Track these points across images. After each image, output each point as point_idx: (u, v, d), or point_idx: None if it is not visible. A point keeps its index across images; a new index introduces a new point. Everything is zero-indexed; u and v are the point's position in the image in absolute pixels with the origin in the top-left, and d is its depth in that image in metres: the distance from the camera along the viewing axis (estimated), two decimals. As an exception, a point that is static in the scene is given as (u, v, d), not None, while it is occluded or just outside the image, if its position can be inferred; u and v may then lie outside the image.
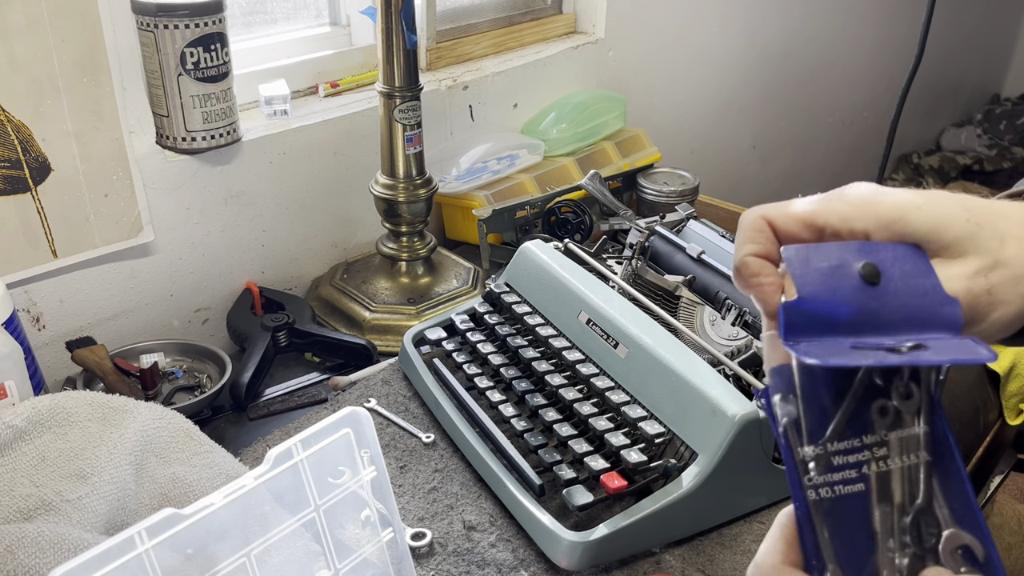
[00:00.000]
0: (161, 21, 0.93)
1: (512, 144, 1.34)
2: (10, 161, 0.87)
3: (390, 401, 0.93)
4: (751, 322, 0.89)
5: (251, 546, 0.55)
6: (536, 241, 0.97)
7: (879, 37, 2.44)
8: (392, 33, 1.00)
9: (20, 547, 0.59)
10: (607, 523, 0.70)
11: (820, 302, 0.38)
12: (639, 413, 0.78)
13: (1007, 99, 3.36)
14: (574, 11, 1.56)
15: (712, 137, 1.97)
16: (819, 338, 0.38)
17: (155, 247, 1.02)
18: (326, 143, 1.15)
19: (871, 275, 0.39)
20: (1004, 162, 3.04)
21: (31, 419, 0.70)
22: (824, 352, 0.36)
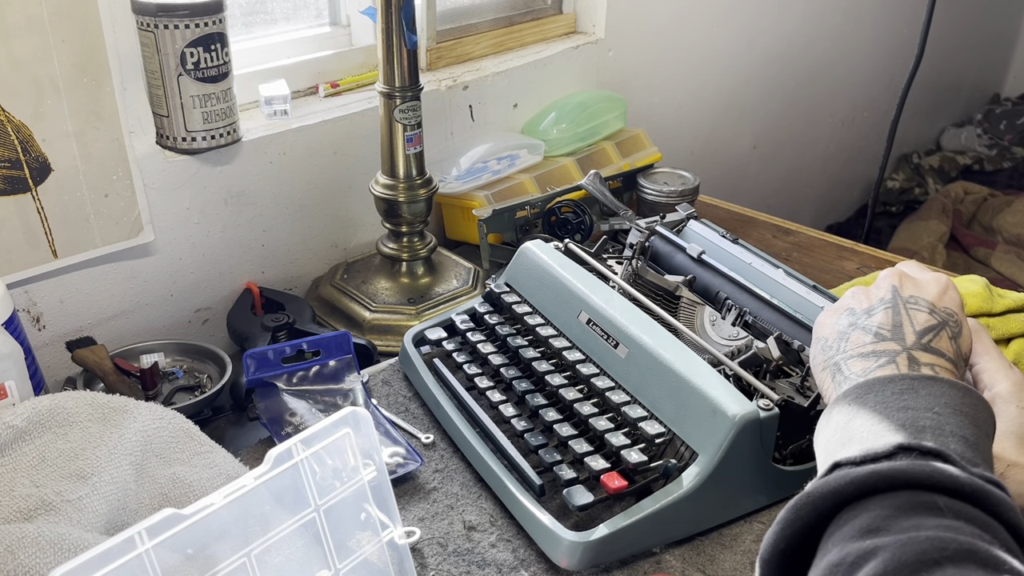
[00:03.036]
0: (161, 21, 0.93)
1: (512, 144, 1.34)
2: (10, 161, 0.87)
3: (390, 401, 0.93)
4: (751, 322, 0.89)
5: (251, 546, 0.55)
6: (536, 241, 0.97)
7: (879, 37, 2.44)
8: (392, 33, 1.00)
9: (20, 547, 0.59)
10: (607, 523, 0.70)
11: None
12: (639, 413, 0.78)
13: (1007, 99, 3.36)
14: (574, 11, 1.56)
15: (712, 137, 1.97)
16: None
17: (155, 247, 1.02)
18: (326, 143, 1.15)
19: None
20: (1004, 162, 3.04)
21: (31, 419, 0.70)
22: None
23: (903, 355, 0.58)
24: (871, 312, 0.62)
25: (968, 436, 0.50)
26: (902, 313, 0.61)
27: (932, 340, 0.60)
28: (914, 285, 0.64)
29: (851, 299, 0.66)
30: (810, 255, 1.30)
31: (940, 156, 3.02)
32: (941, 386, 0.54)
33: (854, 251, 1.31)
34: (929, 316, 0.61)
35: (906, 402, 0.53)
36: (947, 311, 0.62)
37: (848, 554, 0.43)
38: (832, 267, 1.26)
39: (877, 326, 0.61)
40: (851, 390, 0.56)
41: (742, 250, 0.97)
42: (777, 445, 0.76)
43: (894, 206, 2.91)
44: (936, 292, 0.63)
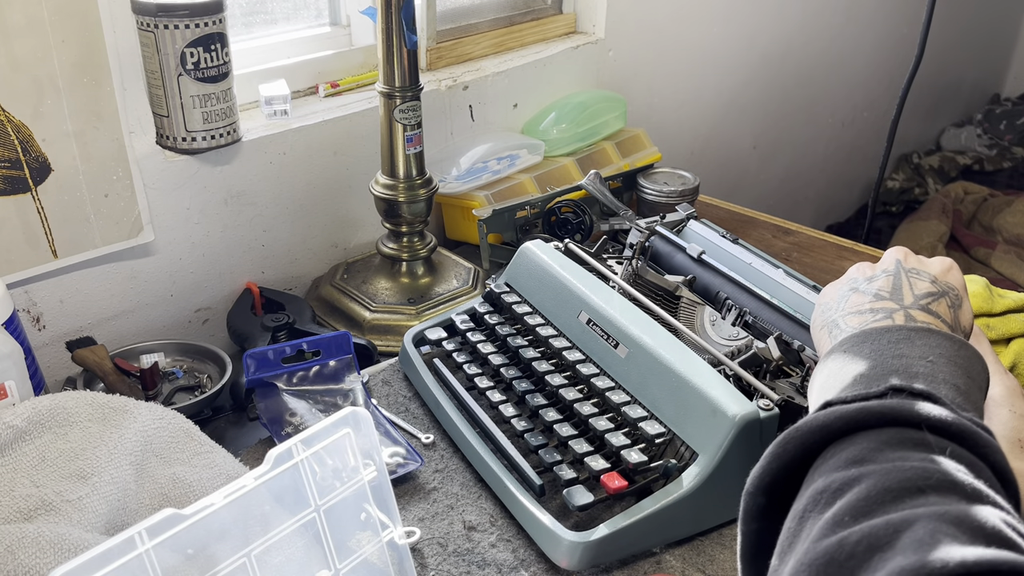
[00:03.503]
0: (161, 21, 0.93)
1: (512, 144, 1.34)
2: (10, 161, 0.87)
3: (390, 401, 0.93)
4: (751, 322, 0.89)
5: (251, 546, 0.55)
6: (536, 241, 0.97)
7: (879, 37, 2.44)
8: (392, 33, 1.00)
9: (20, 547, 0.59)
10: (607, 523, 0.70)
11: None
12: (639, 413, 0.78)
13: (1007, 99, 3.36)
14: (574, 11, 1.56)
15: (712, 137, 1.97)
16: None
17: (155, 247, 1.02)
18: (326, 143, 1.15)
19: None
20: (1004, 162, 3.04)
21: (31, 419, 0.70)
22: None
23: (900, 312, 0.59)
24: (872, 279, 0.63)
25: (960, 385, 0.51)
26: (903, 279, 0.62)
27: (931, 303, 0.60)
28: (918, 261, 0.65)
29: (855, 271, 0.67)
30: (810, 255, 1.30)
31: (940, 156, 3.02)
32: (936, 338, 0.54)
33: (854, 251, 1.31)
34: (930, 285, 0.62)
35: (901, 350, 0.53)
36: (948, 285, 0.63)
37: (833, 481, 0.43)
38: (832, 267, 1.26)
39: (877, 289, 0.62)
40: (846, 340, 0.57)
41: (742, 250, 0.97)
42: (777, 445, 0.76)
43: (894, 206, 2.91)
44: (939, 269, 0.64)
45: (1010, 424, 0.65)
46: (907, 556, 0.36)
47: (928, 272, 0.63)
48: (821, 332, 0.63)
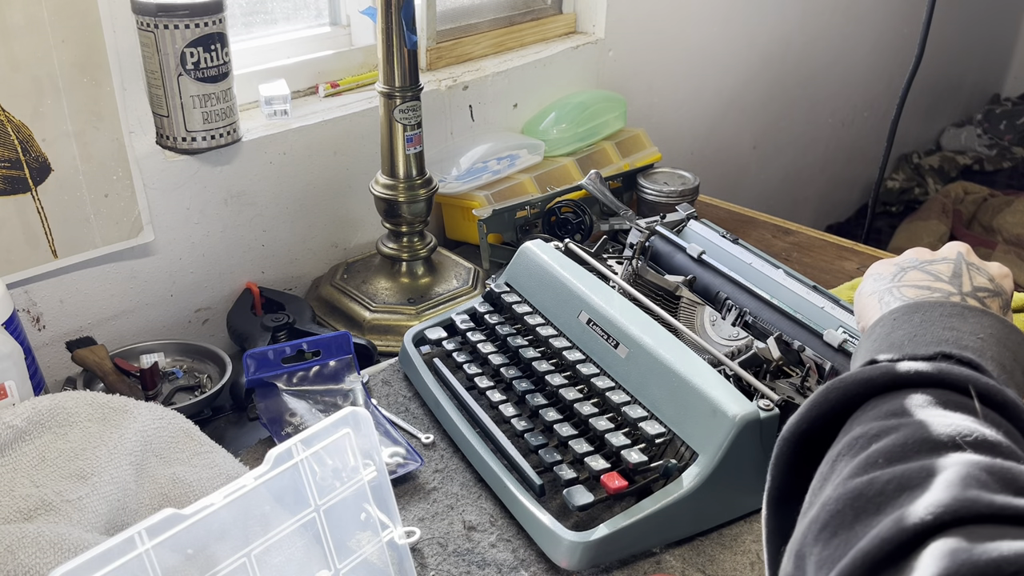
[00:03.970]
0: (161, 21, 0.93)
1: (512, 144, 1.34)
2: (10, 161, 0.87)
3: (390, 401, 0.93)
4: (751, 322, 0.89)
5: (251, 546, 0.55)
6: (536, 241, 0.97)
7: (879, 37, 2.44)
8: (392, 33, 1.00)
9: (20, 547, 0.59)
10: (607, 523, 0.70)
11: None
12: (639, 413, 0.78)
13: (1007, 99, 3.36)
14: (574, 11, 1.56)
15: (712, 137, 1.97)
16: None
17: (155, 247, 1.02)
18: (326, 143, 1.15)
19: None
20: (1004, 162, 3.04)
21: (31, 419, 0.70)
22: None
23: (957, 296, 0.58)
24: (933, 262, 0.63)
25: (1006, 364, 0.50)
26: (963, 268, 0.62)
27: (986, 298, 0.60)
28: (977, 260, 0.64)
29: (912, 252, 0.66)
30: (810, 255, 1.30)
31: (940, 156, 3.02)
32: (989, 318, 0.54)
33: (854, 251, 1.31)
34: (988, 282, 0.62)
35: (952, 323, 0.52)
36: (1003, 288, 0.63)
37: (870, 428, 0.43)
38: (832, 267, 1.26)
39: (937, 271, 0.61)
40: (898, 308, 0.56)
41: (742, 250, 0.97)
42: (777, 445, 0.76)
43: (894, 206, 2.91)
44: (998, 272, 0.64)
45: None
46: (937, 493, 0.36)
47: (987, 271, 0.63)
48: (870, 298, 0.62)
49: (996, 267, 0.65)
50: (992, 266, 0.64)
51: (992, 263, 0.66)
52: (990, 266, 0.64)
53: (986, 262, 0.65)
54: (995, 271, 0.64)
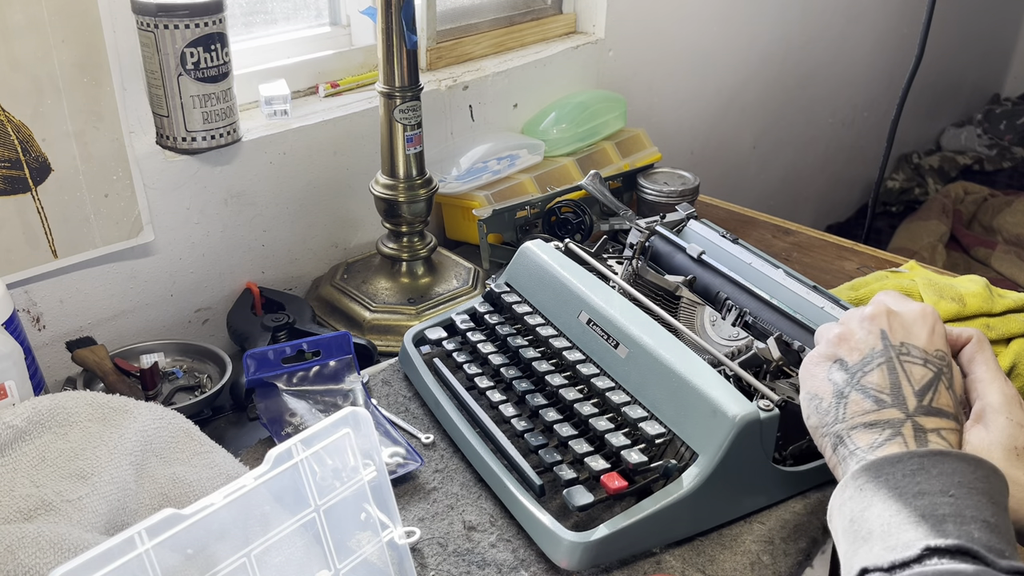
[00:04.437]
0: (161, 21, 0.93)
1: (512, 144, 1.34)
2: (10, 161, 0.87)
3: (390, 401, 0.93)
4: (751, 323, 0.89)
5: (251, 546, 0.55)
6: (536, 241, 0.97)
7: (879, 37, 2.44)
8: (392, 33, 1.00)
9: (20, 547, 0.59)
10: (607, 523, 0.70)
11: None
12: (639, 413, 0.77)
13: (1007, 99, 3.36)
14: (574, 11, 1.56)
15: (712, 137, 1.97)
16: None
17: (155, 247, 1.02)
18: (326, 143, 1.15)
19: None
20: (1004, 162, 3.04)
21: (31, 419, 0.70)
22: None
23: (907, 424, 0.58)
24: (865, 368, 0.62)
25: (989, 519, 0.51)
26: (898, 370, 0.61)
27: (933, 399, 0.60)
28: (902, 326, 0.63)
29: (838, 346, 0.64)
30: (810, 255, 1.30)
31: (940, 156, 3.02)
32: (951, 462, 0.54)
33: (854, 251, 1.31)
34: (924, 368, 0.61)
35: (920, 486, 0.53)
36: (939, 355, 0.62)
37: None
38: (832, 267, 1.26)
39: (876, 389, 0.61)
40: (860, 472, 0.56)
41: (742, 250, 0.97)
42: (777, 446, 0.76)
43: (894, 206, 2.91)
44: (926, 334, 0.63)
45: (1007, 431, 0.65)
46: None
47: (917, 347, 0.62)
48: (823, 440, 0.62)
49: (920, 323, 0.63)
50: (917, 328, 0.63)
51: (914, 314, 0.64)
52: (916, 328, 0.63)
53: (909, 317, 0.63)
54: (923, 336, 0.62)
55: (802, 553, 0.76)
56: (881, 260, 1.27)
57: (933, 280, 1.03)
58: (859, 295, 1.04)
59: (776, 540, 0.76)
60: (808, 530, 0.77)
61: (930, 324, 0.64)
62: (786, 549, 0.75)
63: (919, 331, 0.63)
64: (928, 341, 0.63)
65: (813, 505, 0.79)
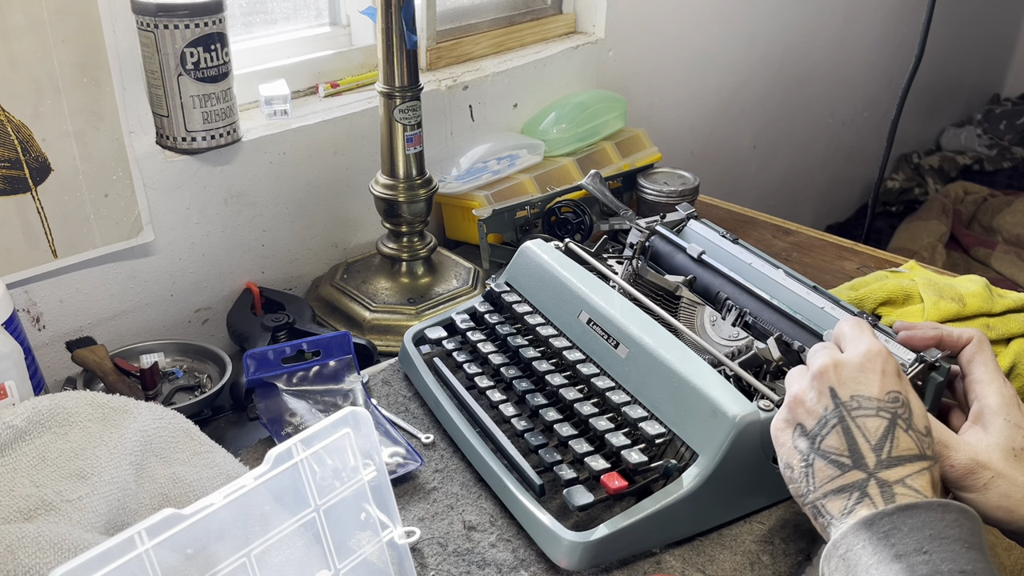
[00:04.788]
0: (161, 21, 0.93)
1: (512, 144, 1.34)
2: (10, 161, 0.87)
3: (390, 401, 0.93)
4: (751, 323, 0.89)
5: (251, 546, 0.55)
6: (536, 241, 0.97)
7: (879, 37, 2.44)
8: (392, 33, 1.00)
9: (20, 547, 0.59)
10: (607, 523, 0.70)
11: None
12: (639, 413, 0.78)
13: (1007, 99, 3.36)
14: (574, 11, 1.56)
15: (712, 137, 1.97)
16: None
17: (155, 247, 1.02)
18: (326, 143, 1.15)
19: None
20: (1004, 162, 3.04)
21: (31, 419, 0.70)
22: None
23: (872, 483, 0.59)
24: (822, 431, 0.62)
25: (965, 567, 0.52)
26: (852, 429, 0.61)
27: (891, 448, 0.60)
28: (850, 377, 0.63)
29: (795, 409, 0.64)
30: (810, 255, 1.30)
31: (940, 156, 3.02)
32: (920, 514, 0.55)
33: (854, 251, 1.31)
34: (877, 419, 0.61)
35: (895, 548, 0.54)
36: (892, 397, 0.62)
37: None
38: (832, 267, 1.26)
39: (835, 453, 0.61)
40: (840, 541, 0.57)
41: (742, 250, 0.97)
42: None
43: (894, 206, 2.91)
44: (876, 380, 0.62)
45: (1005, 433, 0.65)
46: None
47: (867, 396, 0.62)
48: (805, 508, 0.63)
49: (870, 370, 0.63)
50: (867, 376, 0.62)
51: (859, 359, 0.63)
52: (865, 377, 0.62)
53: (854, 365, 0.63)
54: (874, 385, 0.62)
55: (802, 553, 0.76)
56: (881, 260, 1.27)
57: (933, 280, 1.03)
58: (859, 295, 1.04)
59: (776, 540, 0.76)
60: (808, 530, 0.77)
61: (879, 367, 0.63)
62: (786, 549, 0.75)
63: (868, 378, 0.63)
64: (880, 386, 0.62)
65: (813, 505, 0.79)
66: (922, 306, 0.99)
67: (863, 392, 0.62)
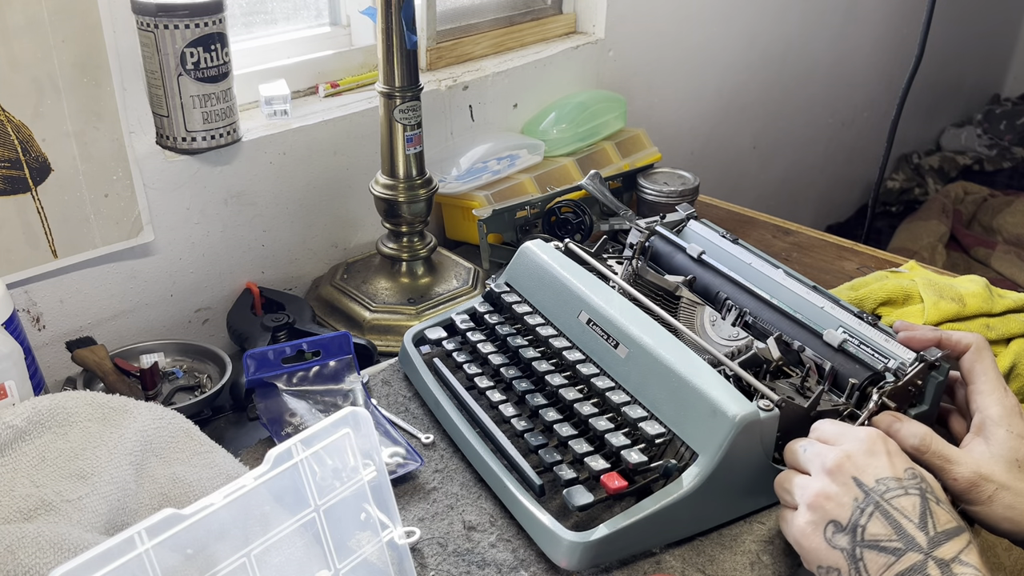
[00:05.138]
0: (161, 21, 0.93)
1: (512, 144, 1.34)
2: (10, 161, 0.87)
3: (390, 401, 0.93)
4: (751, 323, 0.89)
5: (251, 546, 0.56)
6: (536, 241, 0.97)
7: (879, 37, 2.44)
8: (392, 33, 1.00)
9: (20, 547, 0.59)
10: (607, 523, 0.70)
11: None
12: (639, 413, 0.78)
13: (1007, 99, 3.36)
14: (574, 11, 1.56)
15: (712, 137, 1.97)
16: None
17: (155, 247, 1.02)
18: (326, 143, 1.15)
19: None
20: (1004, 162, 3.04)
21: (31, 419, 0.70)
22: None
23: (931, 564, 0.58)
24: (860, 521, 0.61)
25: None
26: (890, 511, 0.60)
27: (935, 524, 0.59)
28: (867, 464, 0.63)
29: (823, 508, 0.63)
30: (810, 255, 1.30)
31: (940, 156, 3.02)
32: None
33: (854, 251, 1.31)
34: (909, 496, 0.61)
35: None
36: (911, 474, 0.62)
37: None
38: (832, 267, 1.26)
39: (884, 540, 0.60)
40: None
41: (742, 250, 0.97)
42: (777, 445, 0.76)
43: (894, 206, 2.91)
44: (886, 461, 0.62)
45: (1007, 444, 0.65)
46: None
47: (888, 477, 0.61)
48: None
49: (880, 453, 0.62)
50: (878, 460, 0.62)
51: (862, 445, 0.63)
52: (875, 461, 0.62)
53: (861, 450, 0.63)
54: (885, 466, 0.62)
55: (802, 553, 0.76)
56: (881, 260, 1.27)
57: (933, 280, 1.03)
58: (859, 295, 1.04)
59: (776, 540, 0.76)
60: (808, 530, 0.77)
61: (884, 449, 0.63)
62: (786, 549, 0.75)
63: (880, 461, 0.63)
64: (893, 466, 0.62)
65: (813, 505, 0.79)
66: (922, 306, 0.99)
67: (883, 474, 0.61)
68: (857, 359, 0.80)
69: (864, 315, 0.84)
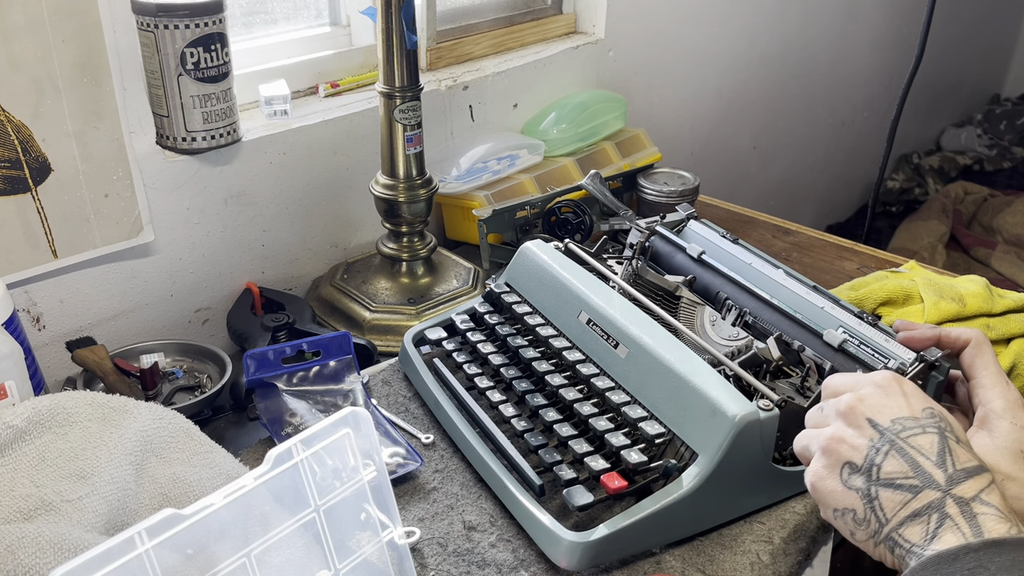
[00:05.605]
0: (161, 21, 0.93)
1: (512, 144, 1.34)
2: (10, 161, 0.87)
3: (390, 401, 0.93)
4: (751, 323, 0.89)
5: (251, 546, 0.56)
6: (536, 241, 0.97)
7: (879, 37, 2.44)
8: (392, 33, 1.00)
9: (20, 547, 0.59)
10: (607, 523, 0.70)
11: None
12: (639, 413, 0.78)
13: (1007, 99, 3.36)
14: (574, 11, 1.56)
15: (712, 137, 1.97)
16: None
17: (155, 247, 1.02)
18: (326, 143, 1.15)
19: None
20: (1004, 162, 3.04)
21: (31, 419, 0.70)
22: None
23: (949, 501, 0.56)
24: (876, 460, 0.60)
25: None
26: (907, 449, 0.59)
27: (955, 462, 0.58)
28: (882, 405, 0.62)
29: (836, 451, 0.62)
30: (810, 255, 1.30)
31: (940, 156, 3.02)
32: (1008, 553, 0.52)
33: (854, 251, 1.31)
34: (927, 435, 0.59)
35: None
36: (929, 413, 0.61)
37: None
38: (832, 267, 1.26)
39: (900, 477, 0.58)
40: (919, 571, 0.54)
41: (742, 250, 0.97)
42: (777, 445, 0.76)
43: (894, 206, 2.91)
44: (905, 403, 0.61)
45: (1011, 436, 0.65)
46: None
47: (905, 416, 0.60)
48: (879, 549, 0.59)
49: (895, 394, 0.61)
50: (893, 400, 0.61)
51: (877, 387, 0.62)
52: (891, 402, 0.61)
53: (876, 393, 0.62)
54: (902, 405, 0.61)
55: (802, 553, 0.76)
56: (881, 260, 1.27)
57: (933, 280, 1.03)
58: (859, 295, 1.04)
59: (776, 540, 0.76)
60: (808, 530, 0.77)
61: (899, 389, 0.62)
62: (786, 549, 0.75)
63: (896, 402, 0.62)
64: (910, 406, 0.61)
65: (813, 505, 0.79)
66: (922, 306, 0.99)
67: (900, 414, 0.60)
68: (857, 359, 0.80)
69: (864, 315, 0.84)
